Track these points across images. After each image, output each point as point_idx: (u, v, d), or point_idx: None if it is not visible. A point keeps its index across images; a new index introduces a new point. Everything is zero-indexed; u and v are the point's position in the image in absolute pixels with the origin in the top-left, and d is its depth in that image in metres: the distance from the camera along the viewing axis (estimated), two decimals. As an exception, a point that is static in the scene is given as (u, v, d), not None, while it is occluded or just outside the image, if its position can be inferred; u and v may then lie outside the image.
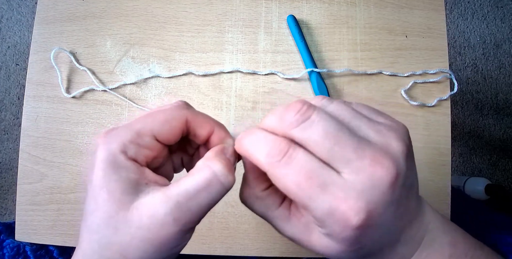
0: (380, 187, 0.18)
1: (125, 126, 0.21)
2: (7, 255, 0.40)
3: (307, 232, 0.22)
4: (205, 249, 0.41)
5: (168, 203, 0.19)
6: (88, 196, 0.20)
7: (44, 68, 0.44)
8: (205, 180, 0.20)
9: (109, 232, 0.19)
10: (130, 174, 0.20)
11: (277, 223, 0.23)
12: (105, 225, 0.19)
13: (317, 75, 0.43)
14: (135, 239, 0.19)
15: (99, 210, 0.19)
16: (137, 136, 0.21)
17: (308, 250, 0.23)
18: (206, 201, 0.20)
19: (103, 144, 0.20)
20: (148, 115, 0.22)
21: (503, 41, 1.20)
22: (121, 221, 0.19)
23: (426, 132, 0.43)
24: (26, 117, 0.43)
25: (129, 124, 0.21)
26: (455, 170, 1.16)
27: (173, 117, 0.22)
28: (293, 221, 0.23)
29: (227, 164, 0.21)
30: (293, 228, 0.22)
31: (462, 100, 1.18)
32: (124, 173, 0.20)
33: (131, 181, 0.20)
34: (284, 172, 0.19)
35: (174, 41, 0.45)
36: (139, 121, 0.21)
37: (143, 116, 0.22)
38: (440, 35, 0.45)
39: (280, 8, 0.45)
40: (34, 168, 0.42)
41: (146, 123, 0.21)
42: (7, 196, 1.11)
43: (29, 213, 0.41)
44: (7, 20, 1.17)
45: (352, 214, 0.18)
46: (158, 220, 0.19)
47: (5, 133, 1.13)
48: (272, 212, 0.23)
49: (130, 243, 0.19)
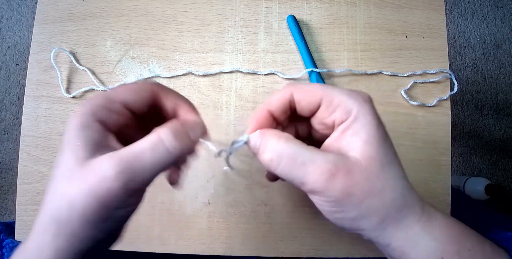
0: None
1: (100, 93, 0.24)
2: (6, 255, 0.40)
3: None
4: (205, 249, 0.41)
5: (113, 159, 0.21)
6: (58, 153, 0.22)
7: (44, 68, 0.44)
8: (150, 143, 0.21)
9: (65, 183, 0.21)
10: (94, 134, 0.22)
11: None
12: (63, 176, 0.21)
13: (317, 75, 0.43)
14: (81, 191, 0.20)
15: (61, 162, 0.21)
16: (108, 101, 0.23)
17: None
18: (150, 161, 0.21)
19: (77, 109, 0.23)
20: (121, 85, 0.24)
21: (503, 41, 1.20)
22: (75, 174, 0.21)
23: (426, 132, 0.43)
24: (26, 117, 0.43)
25: (104, 92, 0.24)
26: (455, 170, 1.16)
27: (141, 88, 0.24)
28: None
29: (176, 132, 0.22)
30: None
31: (462, 100, 1.18)
32: (89, 132, 0.22)
33: (93, 141, 0.22)
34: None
35: (174, 41, 0.45)
36: (112, 90, 0.24)
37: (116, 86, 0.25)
38: (440, 35, 0.45)
39: (280, 8, 0.45)
40: (34, 168, 0.42)
41: (117, 91, 0.23)
42: (7, 196, 1.11)
43: (29, 213, 0.41)
44: (7, 20, 1.17)
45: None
46: (100, 174, 0.20)
47: (5, 133, 1.13)
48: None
49: (77, 195, 0.20)
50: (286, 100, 0.26)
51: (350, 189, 0.22)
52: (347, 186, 0.22)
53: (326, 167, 0.22)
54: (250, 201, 0.42)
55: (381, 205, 0.22)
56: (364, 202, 0.22)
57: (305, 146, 0.23)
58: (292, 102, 0.26)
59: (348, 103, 0.23)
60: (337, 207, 0.23)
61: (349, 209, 0.22)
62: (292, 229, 0.41)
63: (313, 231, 0.41)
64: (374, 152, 0.22)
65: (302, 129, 0.29)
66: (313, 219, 0.41)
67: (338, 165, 0.22)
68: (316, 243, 0.41)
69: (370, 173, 0.22)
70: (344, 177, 0.22)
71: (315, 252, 0.41)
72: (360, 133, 0.23)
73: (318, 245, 0.41)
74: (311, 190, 0.23)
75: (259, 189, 0.42)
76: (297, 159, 0.22)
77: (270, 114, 0.26)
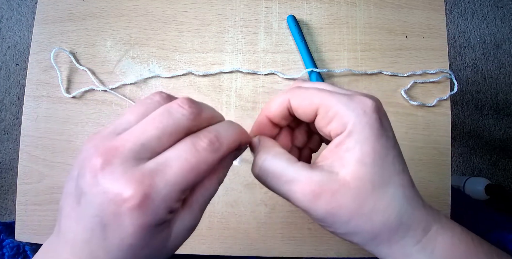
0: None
1: (164, 180, 0.18)
2: (7, 254, 0.40)
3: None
4: (205, 249, 0.41)
5: (197, 218, 0.22)
6: (118, 250, 0.18)
7: (44, 68, 0.44)
8: (216, 190, 0.23)
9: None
10: (167, 229, 0.20)
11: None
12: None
13: (317, 75, 0.43)
14: (175, 249, 0.21)
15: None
16: (182, 195, 0.19)
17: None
18: None
19: (145, 212, 0.17)
20: (188, 165, 0.19)
21: (503, 41, 1.20)
22: (164, 253, 0.21)
23: (426, 132, 0.43)
24: (26, 117, 0.43)
25: (169, 177, 0.18)
26: (455, 170, 1.16)
27: (206, 169, 0.20)
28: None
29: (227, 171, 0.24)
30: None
31: (462, 100, 1.18)
32: (164, 225, 0.19)
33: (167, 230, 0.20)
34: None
35: (174, 41, 0.45)
36: (180, 173, 0.18)
37: (182, 165, 0.19)
38: (440, 35, 0.45)
39: (280, 8, 0.45)
40: (34, 168, 0.42)
41: (190, 179, 0.19)
42: (7, 196, 1.11)
43: (29, 213, 0.41)
44: (7, 20, 1.17)
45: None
46: (190, 231, 0.22)
47: (5, 133, 1.13)
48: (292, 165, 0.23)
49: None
50: (284, 107, 0.24)
51: (334, 210, 0.21)
52: (330, 207, 0.21)
53: (310, 188, 0.21)
54: (250, 201, 0.42)
55: (369, 227, 0.21)
56: (351, 222, 0.21)
57: (293, 163, 0.22)
58: (291, 108, 0.25)
59: (344, 115, 0.21)
60: (325, 224, 0.23)
61: (337, 227, 0.22)
62: (292, 229, 0.41)
63: (313, 231, 0.41)
64: (365, 173, 0.21)
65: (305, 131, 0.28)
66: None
67: (323, 186, 0.21)
68: (316, 243, 0.41)
69: (358, 195, 0.21)
70: (329, 198, 0.21)
71: (315, 252, 0.41)
72: (354, 150, 0.21)
73: (318, 245, 0.41)
74: (298, 207, 0.22)
75: (259, 189, 0.42)
76: (282, 176, 0.22)
77: (270, 120, 0.25)
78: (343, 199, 0.21)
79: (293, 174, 0.22)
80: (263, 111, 0.25)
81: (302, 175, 0.21)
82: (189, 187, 0.19)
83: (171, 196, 0.18)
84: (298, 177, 0.21)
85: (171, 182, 0.18)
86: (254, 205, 0.42)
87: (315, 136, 0.28)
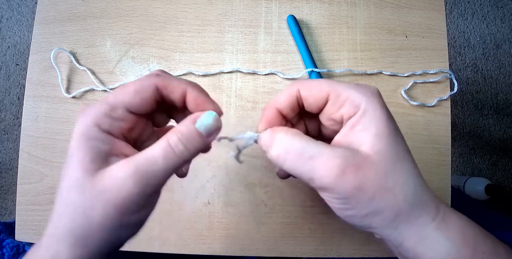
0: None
1: (101, 100, 0.23)
2: (7, 254, 0.40)
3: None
4: (205, 249, 0.41)
5: (129, 167, 0.21)
6: (64, 164, 0.22)
7: (44, 68, 0.44)
8: (162, 151, 0.22)
9: (75, 195, 0.21)
10: (100, 145, 0.22)
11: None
12: (73, 188, 0.21)
13: (317, 75, 0.43)
14: (99, 201, 0.20)
15: (68, 175, 0.21)
16: (110, 109, 0.22)
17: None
18: (163, 167, 0.21)
19: (79, 118, 0.22)
20: (120, 87, 0.23)
21: (503, 41, 1.20)
22: (87, 186, 0.21)
23: (426, 132, 0.43)
24: (26, 117, 0.43)
25: (104, 98, 0.23)
26: (455, 170, 1.16)
27: (142, 87, 0.23)
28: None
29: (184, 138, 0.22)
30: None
31: (462, 100, 1.18)
32: (95, 143, 0.21)
33: (101, 151, 0.21)
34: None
35: (174, 41, 0.45)
36: (112, 94, 0.23)
37: (116, 89, 0.23)
38: (440, 35, 0.45)
39: (280, 8, 0.45)
40: (34, 168, 0.42)
41: (118, 95, 0.22)
42: (7, 196, 1.11)
43: (29, 213, 0.41)
44: (7, 20, 1.17)
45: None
46: (118, 182, 0.20)
47: (5, 133, 1.13)
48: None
49: (94, 205, 0.20)
50: (293, 97, 0.25)
51: (360, 185, 0.21)
52: (357, 181, 0.21)
53: (335, 162, 0.21)
54: (250, 201, 0.42)
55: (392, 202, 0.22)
56: (375, 198, 0.21)
57: (313, 140, 0.23)
58: (300, 99, 0.25)
59: (356, 97, 0.23)
60: (348, 204, 0.22)
61: (360, 206, 0.22)
62: (292, 229, 0.41)
63: (313, 231, 0.41)
64: (385, 147, 0.22)
65: (312, 126, 0.29)
66: (313, 219, 0.41)
67: (348, 160, 0.21)
68: (316, 243, 0.41)
69: (381, 169, 0.21)
70: (354, 173, 0.21)
71: (315, 252, 0.41)
72: (370, 127, 0.22)
73: (318, 245, 0.41)
74: (320, 186, 0.22)
75: (259, 189, 0.42)
76: (304, 153, 0.22)
77: (279, 112, 0.26)
78: (368, 173, 0.21)
79: (316, 149, 0.22)
80: (271, 104, 0.26)
81: (326, 150, 0.22)
82: (115, 102, 0.22)
83: (99, 107, 0.22)
84: (322, 152, 0.22)
85: (102, 99, 0.22)
86: (254, 205, 0.42)
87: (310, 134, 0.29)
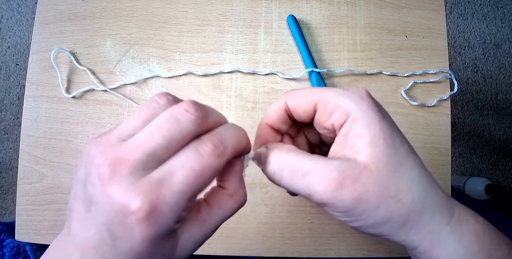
0: None
1: (171, 190, 0.18)
2: (7, 254, 0.40)
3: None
4: (205, 249, 0.41)
5: (208, 236, 0.22)
6: (127, 256, 0.19)
7: (44, 68, 0.44)
8: (234, 212, 0.22)
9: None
10: (174, 237, 0.20)
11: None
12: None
13: (317, 75, 0.43)
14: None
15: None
16: (189, 203, 0.19)
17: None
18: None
19: (152, 225, 0.18)
20: (194, 172, 0.19)
21: (503, 41, 1.20)
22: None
23: (426, 132, 0.43)
24: (26, 117, 0.43)
25: (175, 186, 0.18)
26: (455, 170, 1.16)
27: (211, 175, 0.19)
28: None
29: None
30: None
31: (462, 100, 1.18)
32: (172, 234, 0.20)
33: (174, 239, 0.20)
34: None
35: (174, 41, 0.45)
36: (186, 182, 0.18)
37: (188, 173, 0.18)
38: (440, 35, 0.45)
39: (280, 8, 0.45)
40: (34, 168, 0.42)
41: (196, 186, 0.19)
42: (7, 196, 1.11)
43: (29, 213, 0.41)
44: (7, 20, 1.17)
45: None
46: (199, 246, 0.22)
47: (5, 133, 1.13)
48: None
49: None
50: (282, 111, 0.24)
51: (361, 197, 0.20)
52: (357, 193, 0.20)
53: (331, 176, 0.20)
54: (250, 201, 0.42)
55: (399, 210, 0.21)
56: (380, 208, 0.21)
57: (308, 155, 0.22)
58: (289, 111, 0.25)
59: (344, 104, 0.22)
60: (351, 216, 0.21)
61: (365, 217, 0.21)
62: (292, 229, 0.41)
63: (313, 231, 0.41)
64: (381, 154, 0.21)
65: (312, 136, 0.28)
66: (313, 219, 0.41)
67: (345, 172, 0.20)
68: (316, 243, 0.41)
69: (381, 177, 0.21)
70: (352, 185, 0.20)
71: (315, 252, 0.41)
72: (363, 134, 0.21)
73: (318, 245, 0.41)
74: (319, 202, 0.21)
75: (259, 189, 0.42)
76: (299, 170, 0.21)
77: (270, 127, 0.25)
78: (368, 183, 0.20)
79: (310, 165, 0.21)
80: (262, 120, 0.25)
81: (320, 164, 0.21)
82: (195, 195, 0.19)
83: (178, 205, 0.18)
84: (316, 167, 0.21)
85: (177, 191, 0.18)
86: (254, 205, 0.42)
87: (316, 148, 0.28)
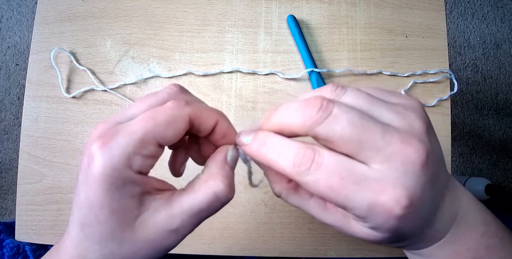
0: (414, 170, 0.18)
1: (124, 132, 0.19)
2: (7, 254, 0.40)
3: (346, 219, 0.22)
4: (205, 249, 0.41)
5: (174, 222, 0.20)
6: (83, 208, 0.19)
7: (44, 68, 0.44)
8: (207, 201, 0.20)
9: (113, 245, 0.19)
10: (134, 189, 0.19)
11: (314, 212, 0.23)
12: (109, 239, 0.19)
13: (317, 75, 0.43)
14: (142, 250, 0.20)
15: (101, 226, 0.19)
16: (141, 146, 0.19)
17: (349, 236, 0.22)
18: (206, 216, 0.21)
19: (102, 156, 0.18)
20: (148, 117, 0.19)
21: (503, 41, 1.20)
22: (127, 237, 0.19)
23: (426, 132, 0.43)
24: (26, 117, 0.43)
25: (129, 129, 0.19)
26: (455, 170, 1.16)
27: (176, 119, 0.20)
28: (330, 209, 0.23)
29: (228, 182, 0.21)
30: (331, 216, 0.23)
31: (462, 100, 1.18)
32: (128, 189, 0.19)
33: (135, 196, 0.19)
34: (314, 178, 0.18)
35: (174, 41, 0.45)
36: (139, 125, 0.19)
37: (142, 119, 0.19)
38: (440, 35, 0.45)
39: (280, 8, 0.45)
40: (34, 168, 0.42)
41: (148, 128, 0.19)
42: (7, 196, 1.11)
43: (29, 213, 0.41)
44: (7, 20, 1.17)
45: (393, 203, 0.18)
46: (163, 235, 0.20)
47: (5, 133, 1.13)
48: (307, 203, 0.23)
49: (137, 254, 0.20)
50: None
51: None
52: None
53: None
54: (250, 201, 0.42)
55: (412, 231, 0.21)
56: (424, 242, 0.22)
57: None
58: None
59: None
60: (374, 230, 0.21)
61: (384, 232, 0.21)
62: (292, 229, 0.41)
63: (313, 231, 0.41)
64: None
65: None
66: (313, 219, 0.41)
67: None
68: (316, 243, 0.41)
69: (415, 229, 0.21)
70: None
71: (315, 252, 0.41)
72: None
73: (318, 245, 0.41)
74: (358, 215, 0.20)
75: (259, 189, 0.42)
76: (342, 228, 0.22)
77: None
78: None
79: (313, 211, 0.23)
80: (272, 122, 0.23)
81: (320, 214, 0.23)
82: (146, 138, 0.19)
83: (126, 143, 0.18)
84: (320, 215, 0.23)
85: (129, 131, 0.19)
86: (254, 205, 0.42)
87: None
